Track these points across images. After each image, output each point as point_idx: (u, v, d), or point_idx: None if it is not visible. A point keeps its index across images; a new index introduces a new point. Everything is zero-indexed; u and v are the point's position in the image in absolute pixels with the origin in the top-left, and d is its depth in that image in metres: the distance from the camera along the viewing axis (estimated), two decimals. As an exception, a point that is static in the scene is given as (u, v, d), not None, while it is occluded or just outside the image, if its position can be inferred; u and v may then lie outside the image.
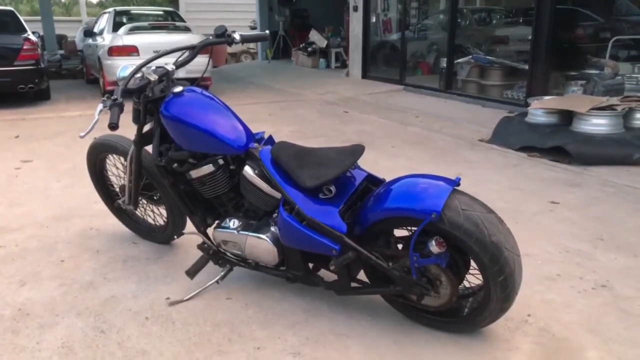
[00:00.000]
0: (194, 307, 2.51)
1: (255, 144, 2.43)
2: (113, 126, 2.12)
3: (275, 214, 2.37)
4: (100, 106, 2.23)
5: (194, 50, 2.55)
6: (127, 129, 2.27)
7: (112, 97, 2.20)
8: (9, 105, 8.04)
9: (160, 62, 2.47)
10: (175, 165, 2.51)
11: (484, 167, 4.74)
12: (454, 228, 1.98)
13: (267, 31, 2.93)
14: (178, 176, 2.57)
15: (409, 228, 2.22)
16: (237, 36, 2.59)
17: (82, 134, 2.27)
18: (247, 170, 2.38)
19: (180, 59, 2.56)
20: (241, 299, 2.58)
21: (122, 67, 2.54)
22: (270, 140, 2.54)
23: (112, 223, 3.38)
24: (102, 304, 2.55)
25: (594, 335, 2.26)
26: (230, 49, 15.16)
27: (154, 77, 2.39)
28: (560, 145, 4.89)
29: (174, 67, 2.48)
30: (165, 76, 2.46)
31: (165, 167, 2.54)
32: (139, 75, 2.45)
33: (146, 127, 2.63)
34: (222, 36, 2.56)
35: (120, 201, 3.07)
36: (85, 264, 2.95)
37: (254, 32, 3.11)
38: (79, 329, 2.35)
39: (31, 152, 5.36)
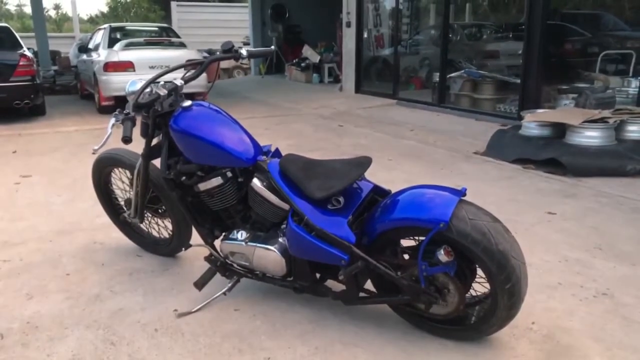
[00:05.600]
0: (202, 319, 2.53)
1: (263, 157, 2.48)
2: (127, 139, 2.15)
3: (283, 225, 2.41)
4: (113, 120, 2.27)
5: (201, 66, 2.60)
6: (134, 142, 2.32)
7: (125, 112, 2.24)
8: (4, 120, 8.03)
9: (168, 77, 2.54)
10: (184, 178, 2.54)
11: (480, 179, 4.81)
12: (461, 237, 2.03)
13: (273, 47, 2.99)
14: (186, 189, 2.61)
15: (416, 238, 2.27)
16: (244, 52, 2.65)
17: (96, 147, 2.31)
18: (256, 182, 2.42)
19: (188, 74, 2.61)
20: (249, 310, 2.60)
21: (131, 82, 2.58)
22: (277, 152, 2.59)
23: (116, 236, 3.40)
24: (110, 316, 2.57)
25: (597, 342, 2.31)
26: (223, 65, 15.24)
27: (163, 92, 2.44)
28: (554, 157, 4.98)
29: (183, 82, 2.53)
30: (174, 91, 2.51)
31: (173, 180, 2.58)
32: (148, 90, 2.49)
33: (154, 141, 2.68)
34: (230, 51, 2.62)
35: (125, 214, 3.10)
36: (91, 277, 2.97)
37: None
38: (88, 341, 2.36)
39: (30, 167, 5.36)
